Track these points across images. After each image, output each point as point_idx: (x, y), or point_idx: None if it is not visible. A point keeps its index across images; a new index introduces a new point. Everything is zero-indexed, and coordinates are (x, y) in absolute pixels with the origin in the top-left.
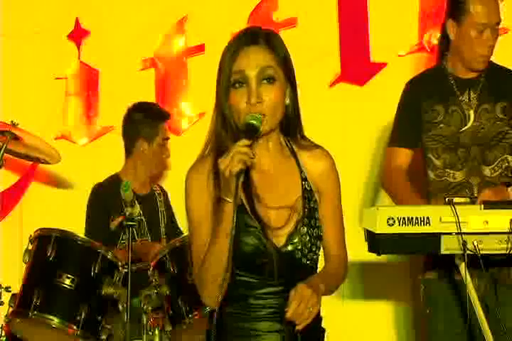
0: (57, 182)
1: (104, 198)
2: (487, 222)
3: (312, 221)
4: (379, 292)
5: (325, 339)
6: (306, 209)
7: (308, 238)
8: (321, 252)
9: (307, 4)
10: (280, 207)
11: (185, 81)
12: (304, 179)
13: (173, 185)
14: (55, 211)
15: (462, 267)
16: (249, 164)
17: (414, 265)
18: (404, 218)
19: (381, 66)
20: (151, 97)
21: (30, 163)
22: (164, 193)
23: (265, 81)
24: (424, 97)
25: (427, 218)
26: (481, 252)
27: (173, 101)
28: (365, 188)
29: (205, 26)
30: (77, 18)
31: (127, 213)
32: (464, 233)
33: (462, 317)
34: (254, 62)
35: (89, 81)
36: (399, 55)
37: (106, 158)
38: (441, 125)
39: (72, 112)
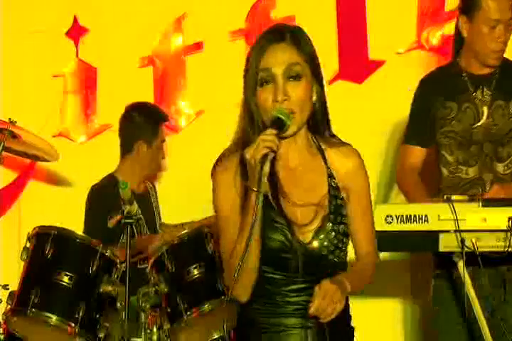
0: (55, 180)
1: (103, 198)
2: (485, 220)
3: (338, 217)
4: (379, 290)
5: (355, 337)
6: (332, 206)
7: (334, 234)
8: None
9: (305, 2)
10: (306, 204)
11: (184, 79)
12: (331, 176)
13: (172, 182)
14: (53, 209)
15: (460, 265)
16: (275, 149)
17: (415, 263)
18: (402, 216)
19: (379, 64)
20: (149, 95)
21: (29, 160)
22: (154, 187)
23: (292, 78)
24: (437, 94)
25: (425, 216)
26: (479, 250)
27: (171, 99)
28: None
29: (203, 24)
30: (75, 15)
31: (125, 211)
32: (462, 231)
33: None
34: (280, 59)
35: (87, 79)
36: (397, 53)
37: (104, 155)
38: (454, 121)
39: (71, 110)
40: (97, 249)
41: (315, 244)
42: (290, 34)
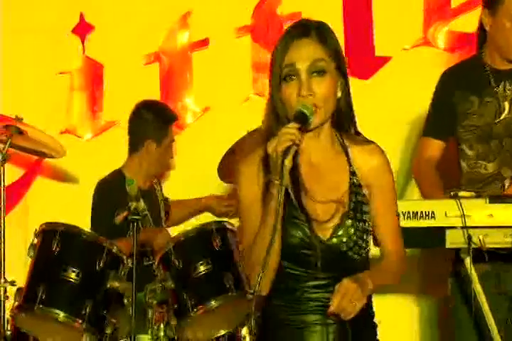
0: (62, 177)
1: (110, 193)
2: (492, 216)
3: (358, 214)
4: (385, 286)
5: (377, 334)
6: (352, 203)
7: (353, 231)
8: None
9: None
10: (327, 200)
11: (190, 75)
12: (353, 173)
13: (178, 178)
14: (60, 205)
15: (467, 261)
16: (298, 143)
17: (423, 259)
18: (409, 212)
19: (386, 60)
20: (155, 92)
21: (35, 157)
22: (159, 182)
23: (316, 74)
24: (458, 88)
25: (432, 212)
26: (486, 246)
27: (178, 96)
28: None
29: (209, 21)
30: (81, 12)
31: (132, 207)
32: (469, 227)
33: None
34: (304, 55)
35: (93, 76)
36: (403, 49)
37: (110, 152)
38: (475, 115)
39: (77, 107)
40: (104, 245)
41: (334, 240)
42: (315, 29)
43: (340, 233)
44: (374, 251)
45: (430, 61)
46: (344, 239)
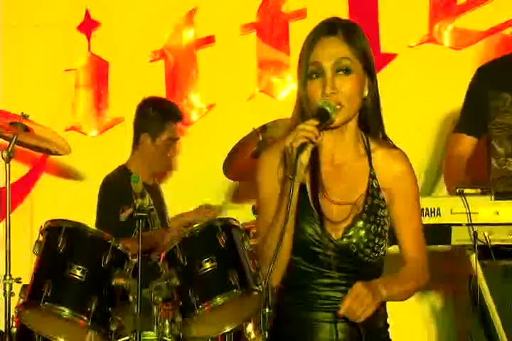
0: (67, 174)
1: (115, 190)
2: (498, 213)
3: (371, 217)
4: None
5: (389, 334)
6: (367, 205)
7: (364, 233)
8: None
9: None
10: (343, 202)
11: (195, 72)
12: (373, 176)
13: (183, 175)
14: (65, 202)
15: (473, 258)
16: (314, 140)
17: (429, 256)
18: None
19: (391, 57)
20: (160, 89)
21: (41, 154)
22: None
23: (341, 72)
24: (492, 84)
25: (438, 209)
26: (492, 243)
27: (183, 93)
28: None
29: (215, 18)
30: (87, 9)
31: (137, 204)
32: (475, 224)
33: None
34: (330, 53)
35: (99, 72)
36: (409, 46)
37: (116, 149)
38: (507, 113)
39: (82, 104)
40: (109, 242)
41: (344, 240)
42: (342, 28)
43: (350, 234)
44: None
45: (435, 58)
46: (354, 240)
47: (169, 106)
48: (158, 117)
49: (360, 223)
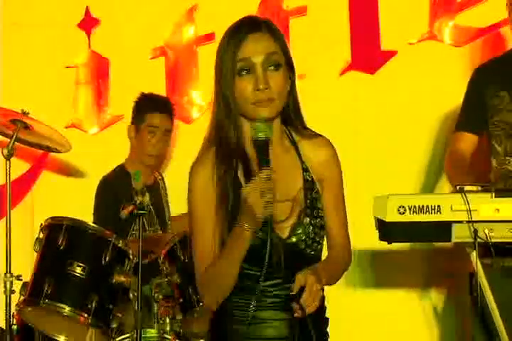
0: (68, 171)
1: (113, 189)
2: (498, 210)
3: (315, 211)
4: (391, 280)
5: (328, 327)
6: (307, 200)
7: (311, 228)
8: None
9: None
10: (282, 200)
11: (196, 69)
12: (305, 170)
13: (183, 172)
14: (65, 200)
15: (473, 256)
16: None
17: (428, 253)
18: (415, 206)
19: (392, 54)
20: (161, 86)
21: (41, 151)
22: (162, 178)
23: (272, 67)
24: (490, 83)
25: (438, 206)
26: (492, 240)
27: (184, 90)
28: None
29: (215, 15)
30: (87, 6)
31: (138, 202)
32: (475, 221)
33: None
34: (259, 48)
35: (99, 70)
36: (409, 43)
37: (116, 146)
38: (505, 111)
39: (83, 101)
40: (110, 239)
41: (293, 238)
42: (264, 24)
43: (299, 231)
44: None
45: (436, 55)
46: (303, 237)
47: (152, 98)
48: (140, 106)
49: (307, 219)
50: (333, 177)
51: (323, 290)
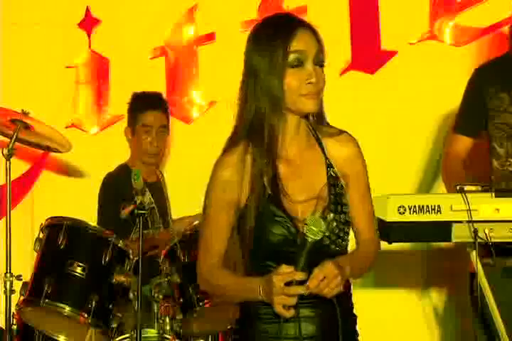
0: (68, 171)
1: (116, 188)
2: (498, 210)
3: (339, 207)
4: (391, 281)
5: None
6: (331, 196)
7: (335, 224)
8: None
9: None
10: (306, 199)
11: (196, 69)
12: (329, 166)
13: (183, 172)
14: (66, 199)
15: (473, 256)
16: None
17: (427, 253)
18: (415, 206)
19: (392, 54)
20: (161, 86)
21: (41, 151)
22: (163, 176)
23: (317, 65)
24: (489, 84)
25: (438, 206)
26: (492, 240)
27: (184, 90)
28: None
29: (216, 14)
30: (87, 6)
31: (138, 201)
32: (475, 221)
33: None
34: (312, 43)
35: (99, 69)
36: (410, 43)
37: (116, 146)
38: (505, 113)
39: (83, 101)
40: (110, 239)
41: None
42: (307, 23)
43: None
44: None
45: (436, 55)
46: (327, 233)
47: (144, 96)
48: (133, 107)
49: (331, 216)
50: (358, 173)
51: (350, 288)
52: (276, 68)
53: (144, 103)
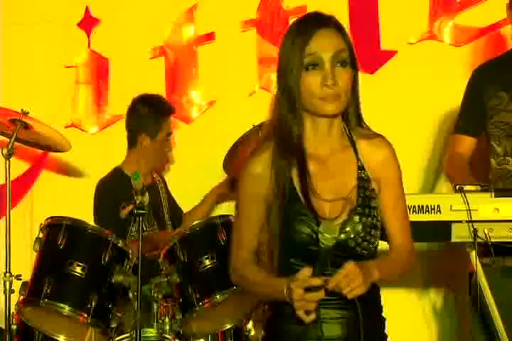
0: (67, 171)
1: (111, 191)
2: (498, 210)
3: (366, 210)
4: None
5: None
6: (360, 198)
7: (361, 226)
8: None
9: None
10: (335, 198)
11: (195, 69)
12: (361, 168)
13: (182, 172)
14: (65, 199)
15: (473, 255)
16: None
17: (427, 253)
18: (414, 206)
19: (391, 54)
20: (160, 86)
21: (41, 151)
22: (163, 179)
23: (339, 64)
24: (489, 83)
25: (438, 206)
26: (492, 240)
27: (183, 90)
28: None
29: (215, 14)
30: (87, 6)
31: (138, 201)
32: (475, 221)
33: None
34: (328, 44)
35: (99, 69)
36: (409, 43)
37: (116, 146)
38: (504, 112)
39: (83, 101)
40: (110, 239)
41: (342, 236)
42: (332, 20)
43: (347, 229)
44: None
45: (436, 55)
46: (352, 235)
47: (159, 101)
48: (152, 115)
49: (356, 218)
50: (390, 177)
51: (378, 289)
52: (293, 72)
53: (167, 107)
